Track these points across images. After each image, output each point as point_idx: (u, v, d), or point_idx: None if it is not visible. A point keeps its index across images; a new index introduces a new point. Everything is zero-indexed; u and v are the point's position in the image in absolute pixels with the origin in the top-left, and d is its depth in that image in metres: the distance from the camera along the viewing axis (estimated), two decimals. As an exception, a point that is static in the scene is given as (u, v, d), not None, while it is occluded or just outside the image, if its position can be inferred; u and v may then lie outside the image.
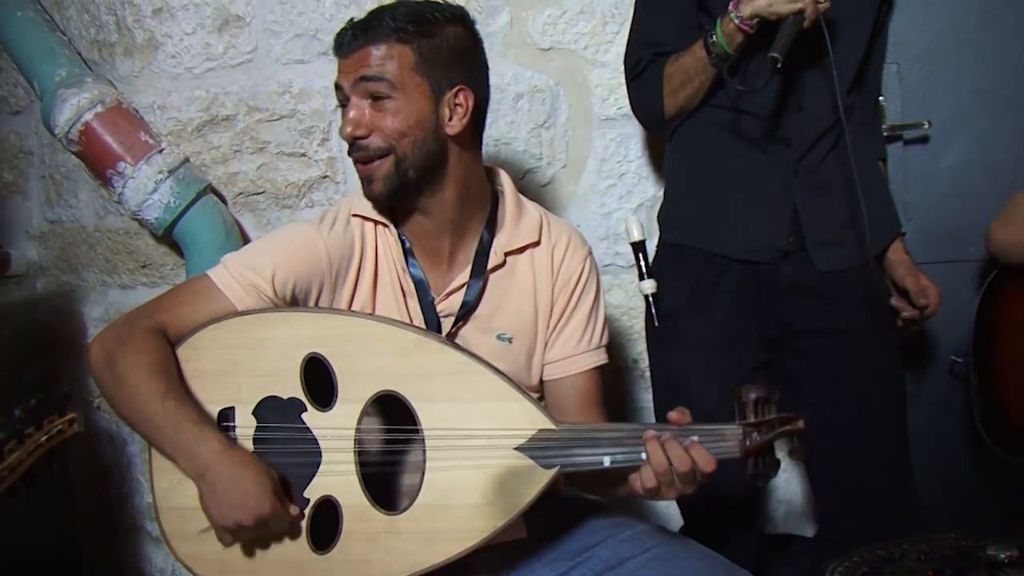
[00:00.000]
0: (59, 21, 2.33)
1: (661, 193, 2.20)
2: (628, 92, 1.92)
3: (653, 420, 2.02)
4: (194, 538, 1.46)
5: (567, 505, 1.66)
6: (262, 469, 1.40)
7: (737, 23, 1.66)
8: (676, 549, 1.53)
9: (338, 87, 1.52)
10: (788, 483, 2.30)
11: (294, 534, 1.43)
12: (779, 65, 1.63)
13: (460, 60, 1.54)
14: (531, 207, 1.66)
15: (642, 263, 1.81)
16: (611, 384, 2.26)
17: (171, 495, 1.46)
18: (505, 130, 2.21)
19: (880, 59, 2.01)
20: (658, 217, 1.98)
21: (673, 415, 1.37)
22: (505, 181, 1.67)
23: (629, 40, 1.91)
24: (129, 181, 2.08)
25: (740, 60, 1.72)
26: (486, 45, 2.11)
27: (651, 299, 1.81)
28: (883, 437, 1.86)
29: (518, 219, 1.62)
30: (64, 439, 1.27)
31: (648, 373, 2.16)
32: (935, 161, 2.22)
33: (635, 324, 2.25)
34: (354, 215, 1.57)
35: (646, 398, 2.26)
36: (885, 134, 2.13)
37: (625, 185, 2.23)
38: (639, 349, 2.25)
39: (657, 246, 1.95)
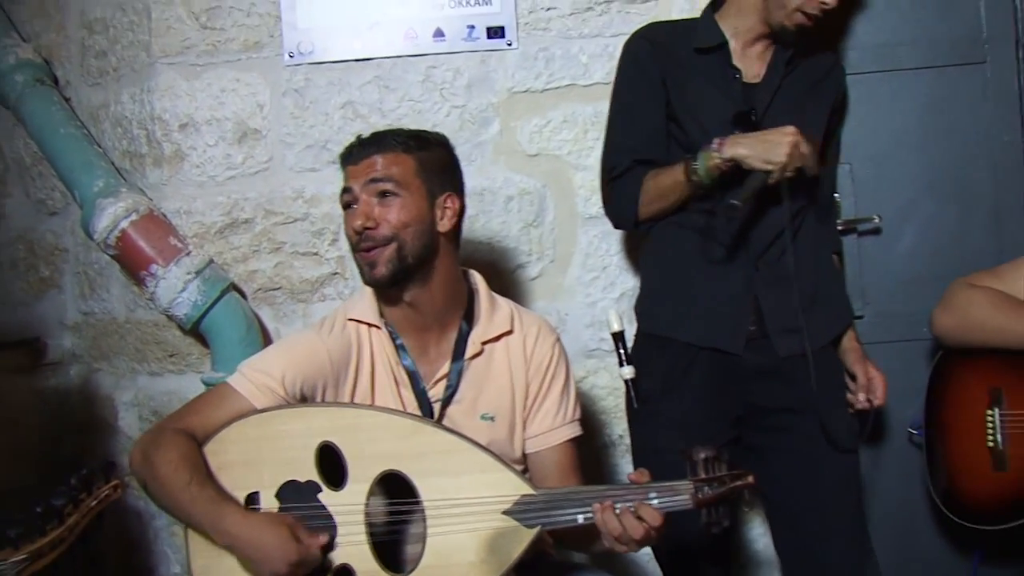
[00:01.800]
0: (95, 134, 2.57)
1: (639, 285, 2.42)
2: (603, 193, 2.12)
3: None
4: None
5: (548, 567, 1.85)
6: (276, 521, 1.61)
7: (719, 161, 1.87)
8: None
9: (347, 190, 1.78)
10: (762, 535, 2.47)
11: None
12: (736, 214, 1.87)
13: (448, 173, 1.83)
14: (502, 302, 1.89)
15: (621, 351, 2.00)
16: (597, 458, 2.46)
17: (208, 573, 1.67)
18: (498, 229, 2.42)
19: (834, 161, 2.22)
20: (635, 308, 2.16)
21: (633, 475, 1.59)
22: (478, 280, 1.90)
23: (606, 146, 2.11)
24: (161, 282, 2.29)
25: (713, 187, 1.93)
26: (479, 152, 2.41)
27: (630, 384, 2.01)
28: (840, 504, 2.03)
29: (492, 312, 1.85)
30: (109, 502, 1.47)
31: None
32: (888, 250, 2.43)
33: (619, 404, 2.43)
34: (349, 319, 1.81)
35: (630, 470, 2.44)
36: (840, 227, 2.33)
37: (608, 277, 2.44)
38: (623, 427, 2.42)
39: (635, 335, 2.12)
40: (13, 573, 1.36)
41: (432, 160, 1.80)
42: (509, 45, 2.40)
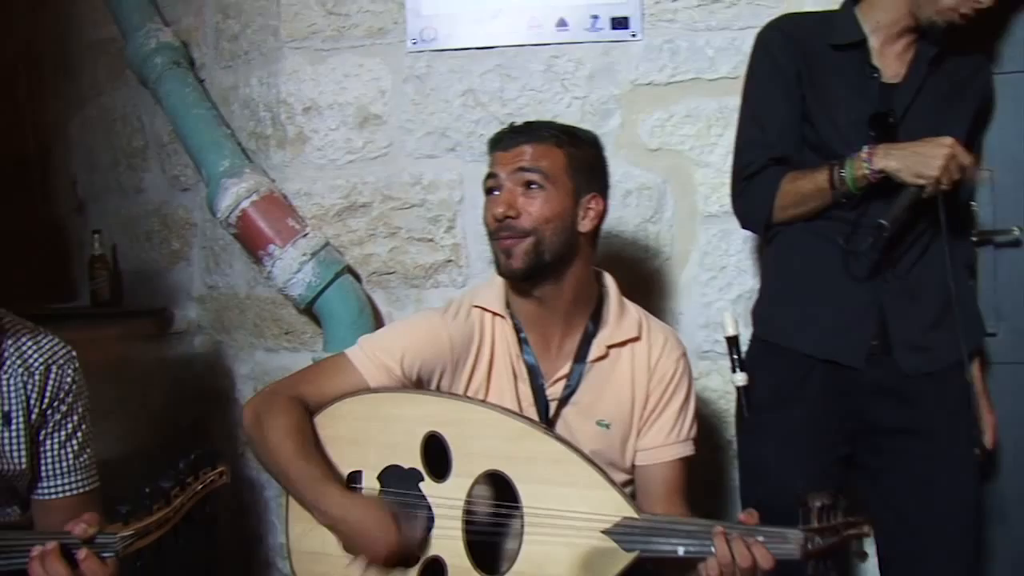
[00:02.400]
0: (225, 115, 2.64)
1: (758, 287, 2.34)
2: (733, 192, 2.02)
3: (739, 500, 2.14)
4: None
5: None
6: (379, 506, 1.61)
7: (867, 172, 1.78)
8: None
9: (492, 175, 1.75)
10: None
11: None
12: (885, 234, 1.77)
13: (597, 173, 1.80)
14: (632, 308, 1.84)
15: (735, 356, 1.95)
16: (707, 461, 2.38)
17: (303, 539, 1.70)
18: (615, 224, 2.37)
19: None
20: (752, 312, 2.08)
21: (742, 516, 1.51)
22: (610, 283, 1.85)
23: (738, 141, 2.01)
24: (278, 261, 2.34)
25: (857, 196, 1.83)
26: (600, 145, 2.35)
27: (742, 391, 1.96)
28: (954, 537, 1.91)
29: (620, 317, 1.81)
30: (215, 488, 1.51)
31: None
32: (1028, 264, 2.27)
33: (730, 408, 2.35)
34: (475, 306, 1.79)
35: (738, 476, 2.37)
36: (975, 239, 2.18)
37: (725, 277, 2.36)
38: (733, 431, 2.36)
39: (751, 340, 2.04)
40: (121, 547, 1.41)
41: (582, 158, 1.76)
42: (633, 36, 2.34)
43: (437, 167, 2.43)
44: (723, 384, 2.38)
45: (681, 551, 1.51)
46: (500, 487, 1.64)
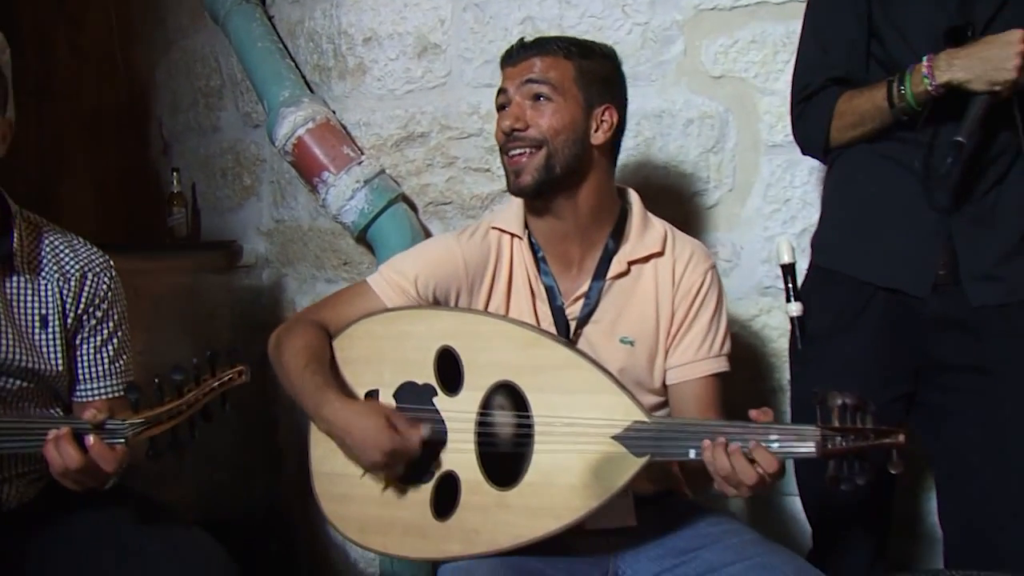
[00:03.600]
0: (291, 49, 2.67)
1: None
2: (791, 114, 1.92)
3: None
4: (339, 499, 1.70)
5: (681, 506, 1.75)
6: (373, 411, 1.61)
7: (929, 87, 1.66)
8: (778, 560, 1.56)
9: (502, 91, 1.74)
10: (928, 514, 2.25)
11: (420, 501, 1.62)
12: (963, 153, 1.64)
13: (610, 84, 1.74)
14: (657, 222, 1.78)
15: (789, 285, 1.87)
16: (764, 403, 2.27)
17: (324, 461, 1.71)
18: (675, 153, 2.31)
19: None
20: (812, 240, 1.98)
21: (754, 412, 1.44)
22: (634, 198, 1.80)
23: (797, 62, 1.91)
24: (331, 188, 2.36)
25: (921, 112, 1.71)
26: (660, 72, 2.29)
27: (796, 322, 1.87)
28: (1020, 485, 1.76)
29: (643, 232, 1.75)
30: (233, 385, 1.52)
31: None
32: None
33: (790, 346, 2.28)
34: (492, 227, 1.77)
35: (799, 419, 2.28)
36: None
37: (789, 210, 2.26)
38: (795, 370, 2.28)
39: (808, 269, 1.96)
40: (130, 433, 1.44)
41: (593, 69, 1.72)
42: (697, -43, 2.25)
43: (495, 96, 2.39)
44: (784, 322, 2.26)
45: (692, 454, 1.46)
46: (514, 397, 1.60)
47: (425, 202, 2.46)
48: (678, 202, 2.29)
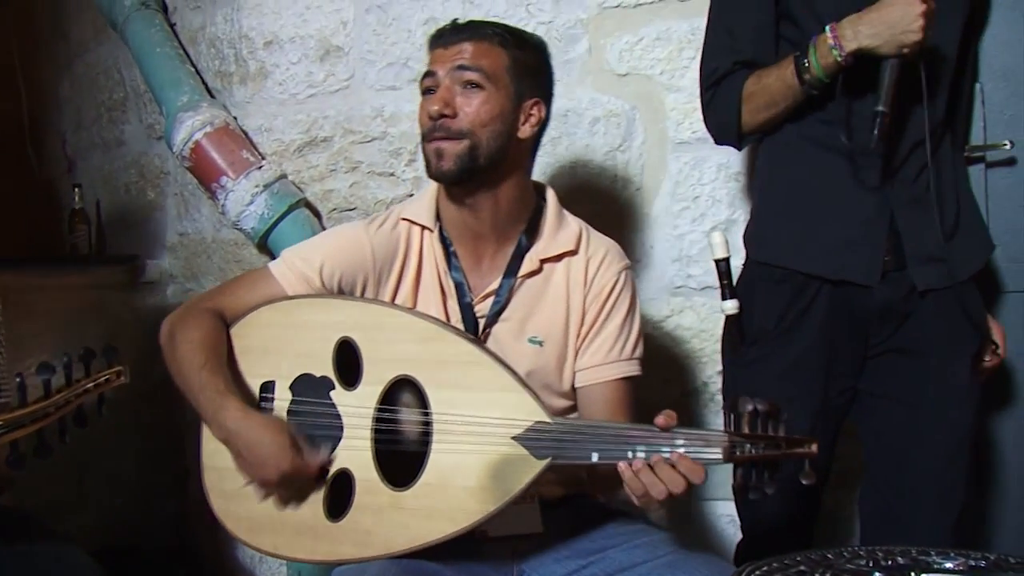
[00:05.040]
0: (193, 56, 2.60)
1: (734, 216, 2.20)
2: (702, 102, 1.85)
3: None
4: (229, 497, 1.60)
5: (590, 508, 1.69)
6: (278, 428, 1.51)
7: (839, 58, 1.61)
8: (689, 558, 1.52)
9: (430, 74, 1.65)
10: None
11: (313, 500, 1.54)
12: (885, 120, 1.59)
13: (540, 78, 1.69)
14: (572, 220, 1.72)
15: (725, 282, 1.79)
16: (679, 407, 2.25)
17: (215, 456, 1.61)
18: (581, 153, 2.28)
19: (972, 79, 1.93)
20: (744, 235, 1.88)
21: (660, 419, 1.36)
22: (550, 196, 1.74)
23: (704, 47, 1.85)
24: (230, 194, 2.29)
25: (833, 85, 1.66)
26: (565, 72, 2.25)
27: (733, 321, 1.80)
28: (942, 468, 1.74)
29: (557, 230, 1.69)
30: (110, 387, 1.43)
31: (719, 396, 2.15)
32: (1021, 184, 2.08)
33: (705, 347, 2.24)
34: (403, 219, 1.70)
35: (716, 422, 2.24)
36: (966, 155, 2.00)
37: (699, 208, 2.23)
38: (709, 372, 2.24)
39: (744, 265, 1.87)
40: (-11, 436, 1.35)
41: (526, 60, 1.66)
42: (599, -44, 2.23)
43: (398, 99, 2.35)
44: (697, 322, 2.25)
45: (595, 457, 1.39)
46: (414, 394, 1.53)
47: (329, 208, 2.40)
48: (586, 202, 2.25)
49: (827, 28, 1.62)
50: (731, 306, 1.79)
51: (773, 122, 1.77)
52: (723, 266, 1.80)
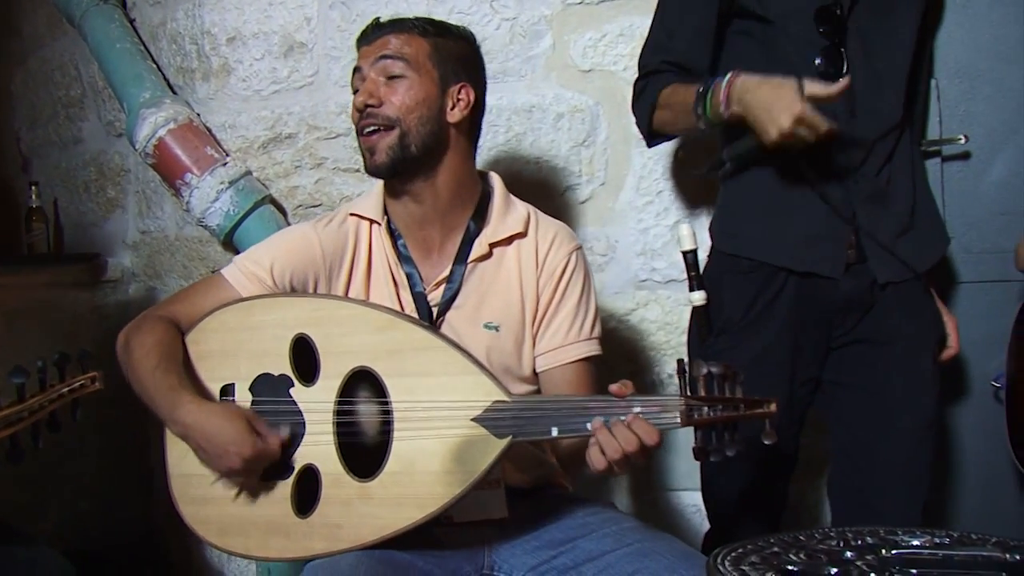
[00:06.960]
0: (154, 52, 2.57)
1: (697, 210, 2.24)
2: (632, 92, 1.89)
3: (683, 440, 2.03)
4: (198, 501, 1.59)
5: (557, 498, 1.71)
6: (235, 415, 1.51)
7: (723, 110, 1.66)
8: (657, 545, 1.53)
9: (357, 70, 1.68)
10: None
11: (281, 498, 1.54)
12: (723, 171, 1.70)
13: (467, 64, 1.71)
14: (520, 205, 1.75)
15: (692, 274, 1.83)
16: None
17: (181, 463, 1.61)
18: (546, 148, 2.29)
19: (927, 76, 1.97)
20: (711, 228, 1.91)
21: (614, 387, 1.39)
22: (496, 182, 1.77)
23: (645, 40, 1.89)
24: (195, 191, 2.27)
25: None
26: (529, 68, 2.27)
27: (701, 312, 1.83)
28: (908, 456, 1.80)
29: (505, 214, 1.72)
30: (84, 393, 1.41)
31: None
32: (977, 178, 2.15)
33: (671, 339, 2.27)
34: (351, 214, 1.72)
35: (681, 412, 2.26)
36: (922, 150, 2.06)
37: (662, 202, 2.26)
38: (674, 364, 2.25)
39: (709, 257, 1.90)
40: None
41: (449, 47, 1.69)
42: (562, -48, 2.25)
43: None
44: (662, 315, 2.28)
45: (555, 431, 1.41)
46: (373, 384, 1.53)
47: (294, 205, 2.39)
48: (551, 197, 2.27)
49: (725, 79, 1.66)
50: (699, 297, 1.82)
51: (676, 136, 1.82)
52: (691, 258, 1.84)
